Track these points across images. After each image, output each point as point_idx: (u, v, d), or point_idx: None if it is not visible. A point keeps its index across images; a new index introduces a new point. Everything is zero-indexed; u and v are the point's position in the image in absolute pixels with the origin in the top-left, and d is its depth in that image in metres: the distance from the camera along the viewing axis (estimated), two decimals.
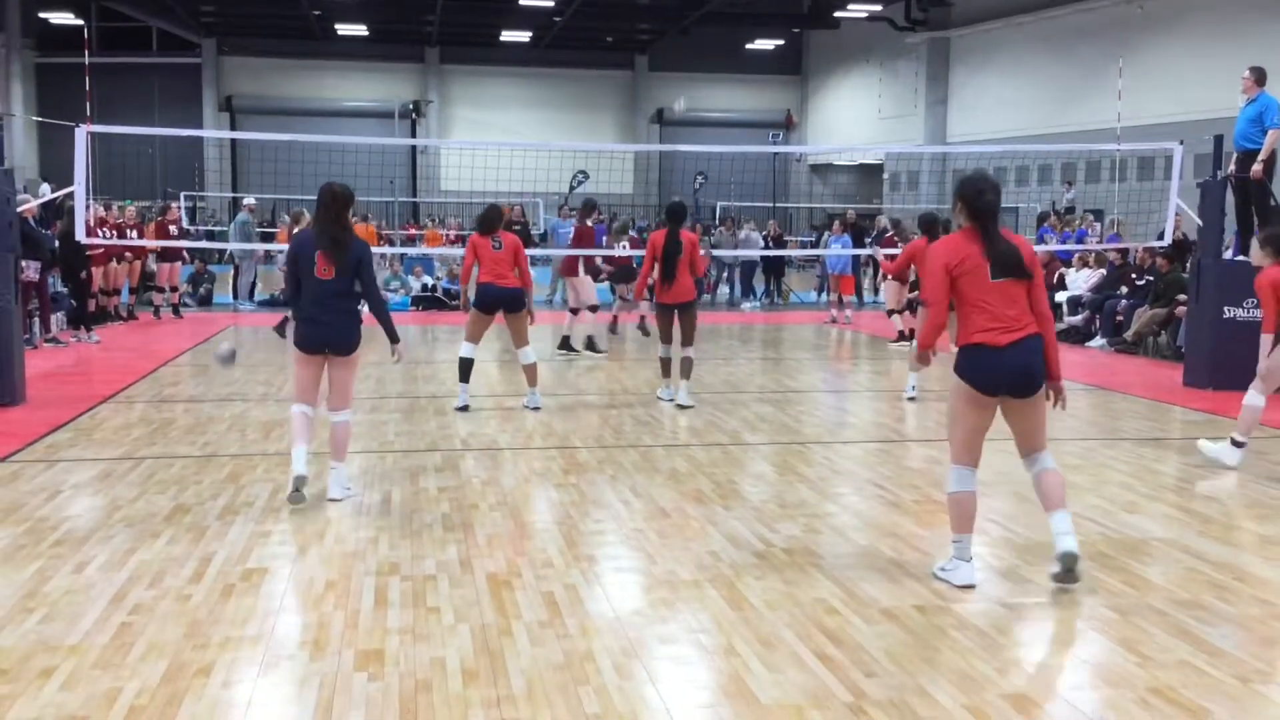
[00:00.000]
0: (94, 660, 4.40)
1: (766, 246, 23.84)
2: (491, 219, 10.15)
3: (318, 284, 6.73)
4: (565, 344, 14.28)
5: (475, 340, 10.17)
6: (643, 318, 15.29)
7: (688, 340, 10.29)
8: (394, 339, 7.04)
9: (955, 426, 5.49)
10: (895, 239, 15.91)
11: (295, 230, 14.03)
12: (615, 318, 16.84)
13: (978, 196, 5.29)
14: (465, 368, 10.11)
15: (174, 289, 19.11)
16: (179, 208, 19.96)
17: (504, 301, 9.97)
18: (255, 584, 5.32)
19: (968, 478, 5.45)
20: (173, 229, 18.73)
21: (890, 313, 15.88)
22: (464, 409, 9.99)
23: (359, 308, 6.91)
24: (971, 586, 5.36)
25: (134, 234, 18.00)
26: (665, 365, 10.70)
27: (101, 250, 16.49)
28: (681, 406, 10.27)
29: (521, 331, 10.08)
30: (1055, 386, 5.40)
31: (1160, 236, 16.25)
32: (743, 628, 4.80)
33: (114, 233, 17.12)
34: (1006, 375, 5.26)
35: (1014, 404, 5.38)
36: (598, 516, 6.60)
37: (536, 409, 10.09)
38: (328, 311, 6.73)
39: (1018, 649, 4.70)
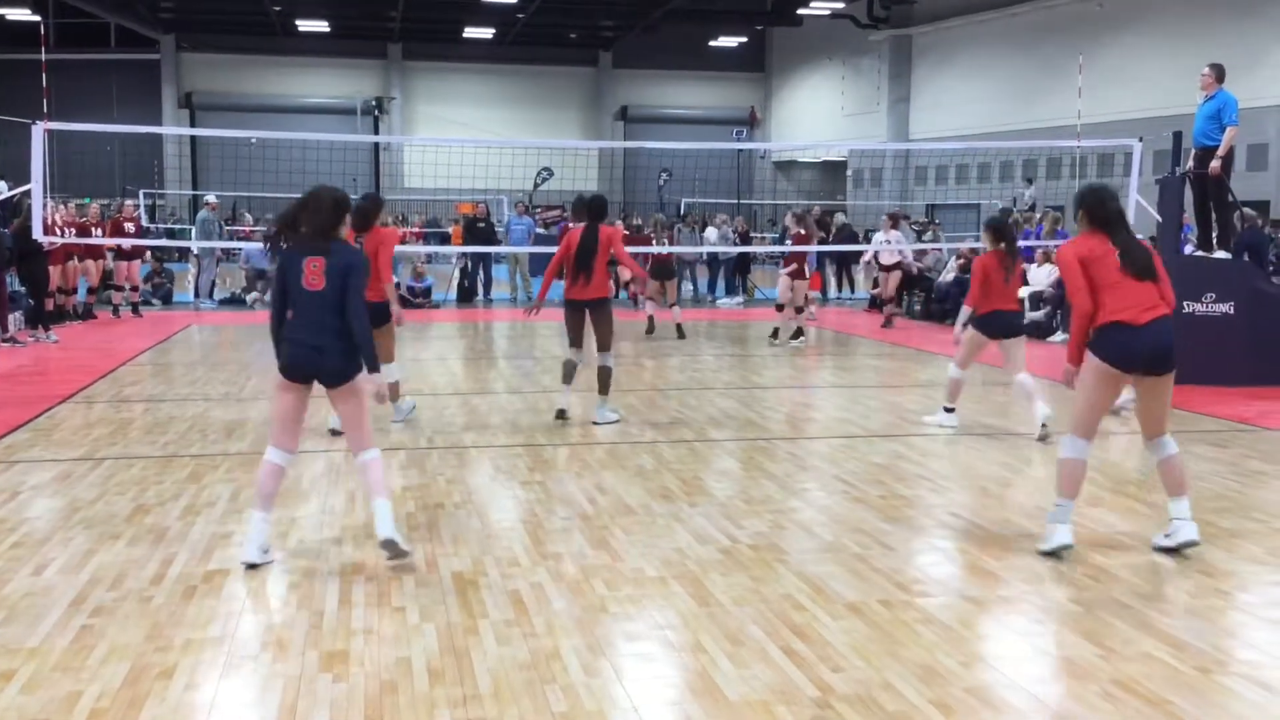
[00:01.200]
0: (54, 663, 4.34)
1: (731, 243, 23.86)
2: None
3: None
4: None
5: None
6: (679, 326, 16.10)
7: (603, 344, 9.28)
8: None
9: (1081, 400, 5.88)
10: (805, 236, 15.56)
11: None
12: (650, 318, 16.64)
13: (1100, 205, 5.82)
14: (568, 370, 9.50)
15: (134, 288, 18.87)
16: (135, 205, 19.65)
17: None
18: (217, 585, 5.27)
19: (1082, 447, 5.89)
20: (129, 227, 18.42)
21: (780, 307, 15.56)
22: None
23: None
24: (1070, 546, 5.75)
25: (98, 232, 17.79)
26: (568, 370, 9.51)
27: (58, 248, 16.26)
28: (598, 424, 9.28)
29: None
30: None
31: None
32: (709, 624, 4.80)
33: (73, 231, 16.88)
34: (1146, 350, 5.66)
35: (1147, 382, 5.80)
36: (564, 514, 6.58)
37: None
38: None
39: (982, 642, 4.72)
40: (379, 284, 8.32)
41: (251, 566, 5.49)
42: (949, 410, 9.44)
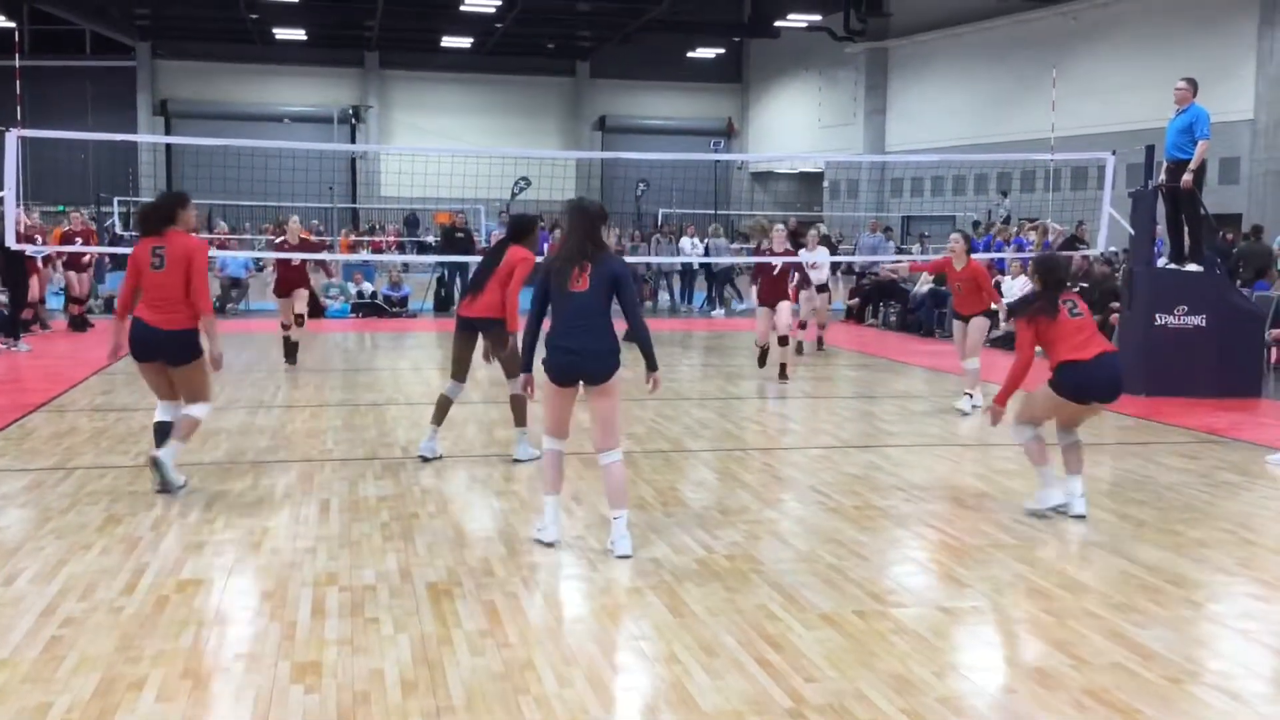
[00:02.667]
0: (24, 674, 4.31)
1: (707, 253, 23.92)
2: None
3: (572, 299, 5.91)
4: None
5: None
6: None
7: (506, 371, 8.30)
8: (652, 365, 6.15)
9: (1040, 405, 6.93)
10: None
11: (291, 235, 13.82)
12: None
13: (1049, 273, 7.03)
14: (441, 406, 8.38)
15: (80, 300, 18.41)
16: (81, 215, 19.38)
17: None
18: (189, 595, 5.23)
19: (1030, 432, 6.94)
20: (78, 240, 18.02)
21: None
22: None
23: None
24: (1064, 504, 6.80)
25: (79, 240, 17.69)
26: (442, 407, 8.24)
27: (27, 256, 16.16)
28: (519, 460, 8.24)
29: None
30: None
31: (1071, 242, 16.54)
32: (684, 635, 4.81)
33: (40, 240, 16.75)
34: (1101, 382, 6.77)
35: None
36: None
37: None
38: (578, 333, 5.91)
39: (954, 652, 4.74)
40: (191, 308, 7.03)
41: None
42: (969, 395, 10.69)
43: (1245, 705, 4.20)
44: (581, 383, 6.02)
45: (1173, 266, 12.47)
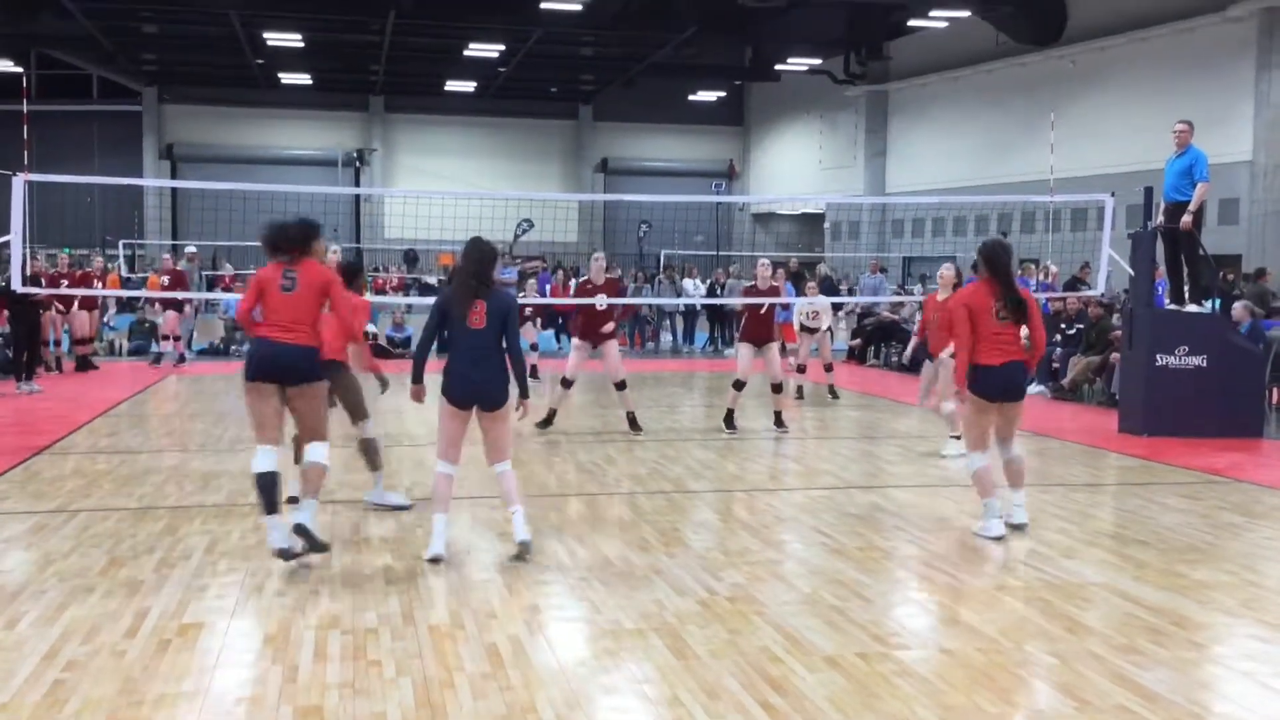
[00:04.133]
0: (26, 718, 4.30)
1: (711, 294, 23.99)
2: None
3: (469, 333, 6.56)
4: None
5: None
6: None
7: (352, 414, 8.08)
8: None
9: (968, 427, 7.59)
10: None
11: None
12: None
13: (995, 258, 7.35)
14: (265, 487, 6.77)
15: (86, 341, 18.52)
16: (66, 259, 19.49)
17: None
18: (192, 639, 5.23)
19: (981, 458, 7.41)
20: (64, 283, 18.05)
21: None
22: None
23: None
24: (1003, 535, 7.24)
25: (98, 284, 17.88)
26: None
27: (46, 298, 16.32)
28: (376, 506, 8.11)
29: None
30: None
31: (1073, 283, 16.58)
32: (687, 677, 4.80)
33: (44, 282, 16.87)
34: (1004, 385, 7.35)
35: (1005, 407, 7.47)
36: (541, 566, 6.57)
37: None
38: (478, 365, 6.56)
39: (958, 695, 4.73)
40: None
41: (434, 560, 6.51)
42: (955, 438, 10.29)
43: None
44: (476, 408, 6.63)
45: (1173, 307, 12.52)
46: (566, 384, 12.03)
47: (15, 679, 4.69)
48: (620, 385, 11.85)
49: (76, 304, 17.78)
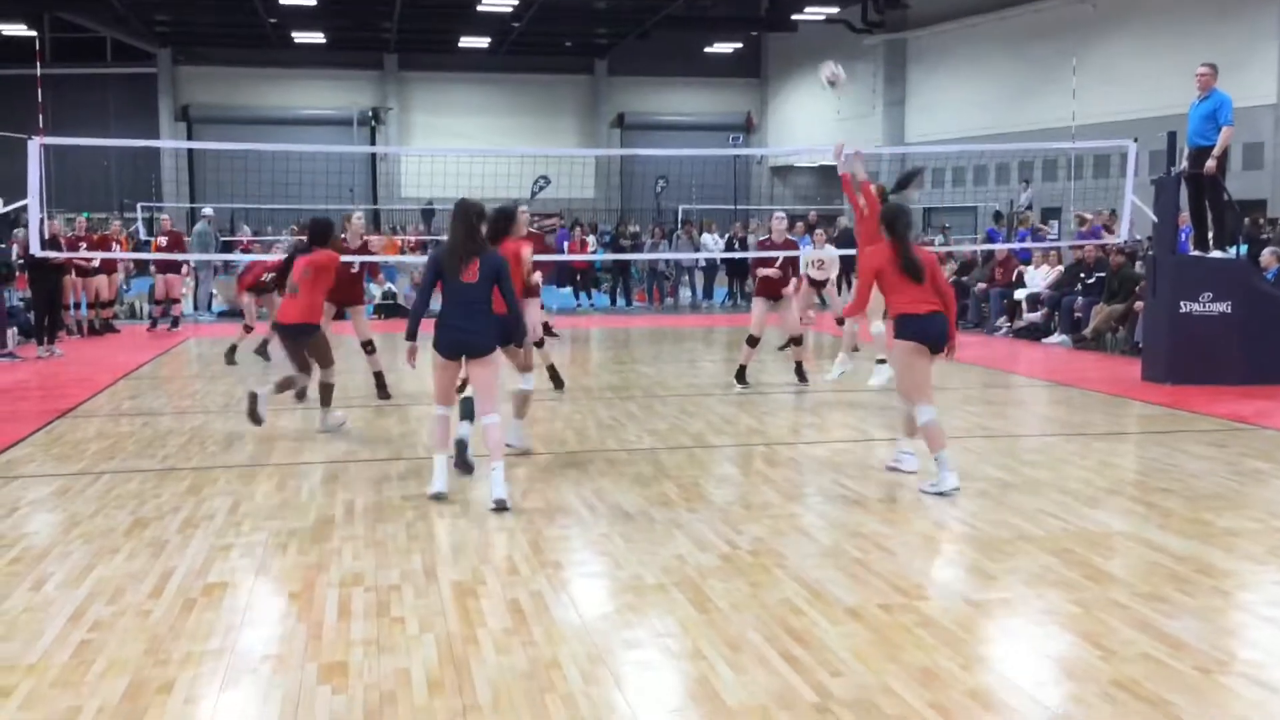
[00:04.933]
0: (53, 679, 4.34)
1: (730, 248, 23.90)
2: None
3: (461, 288, 6.98)
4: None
5: None
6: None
7: (322, 362, 9.44)
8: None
9: (907, 379, 7.50)
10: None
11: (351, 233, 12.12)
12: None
13: (895, 221, 7.47)
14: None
15: (107, 304, 18.67)
16: (84, 223, 19.51)
17: None
18: (216, 598, 5.26)
19: (931, 410, 7.36)
20: (83, 246, 18.11)
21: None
22: None
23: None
24: (958, 488, 7.11)
25: (116, 247, 17.94)
26: (301, 394, 9.64)
27: (64, 262, 16.40)
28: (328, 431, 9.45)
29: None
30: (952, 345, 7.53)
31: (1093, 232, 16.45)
32: (709, 631, 4.80)
33: (64, 245, 16.95)
34: (932, 332, 7.39)
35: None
36: (562, 522, 6.58)
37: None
38: (466, 316, 6.97)
39: (981, 645, 4.72)
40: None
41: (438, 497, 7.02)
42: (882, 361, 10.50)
43: (1277, 695, 4.16)
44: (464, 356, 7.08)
45: (1196, 253, 12.39)
46: (753, 341, 12.06)
47: (42, 640, 4.73)
48: (797, 341, 12.17)
49: (98, 264, 17.85)
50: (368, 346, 11.23)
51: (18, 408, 10.77)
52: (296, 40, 38.78)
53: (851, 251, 19.87)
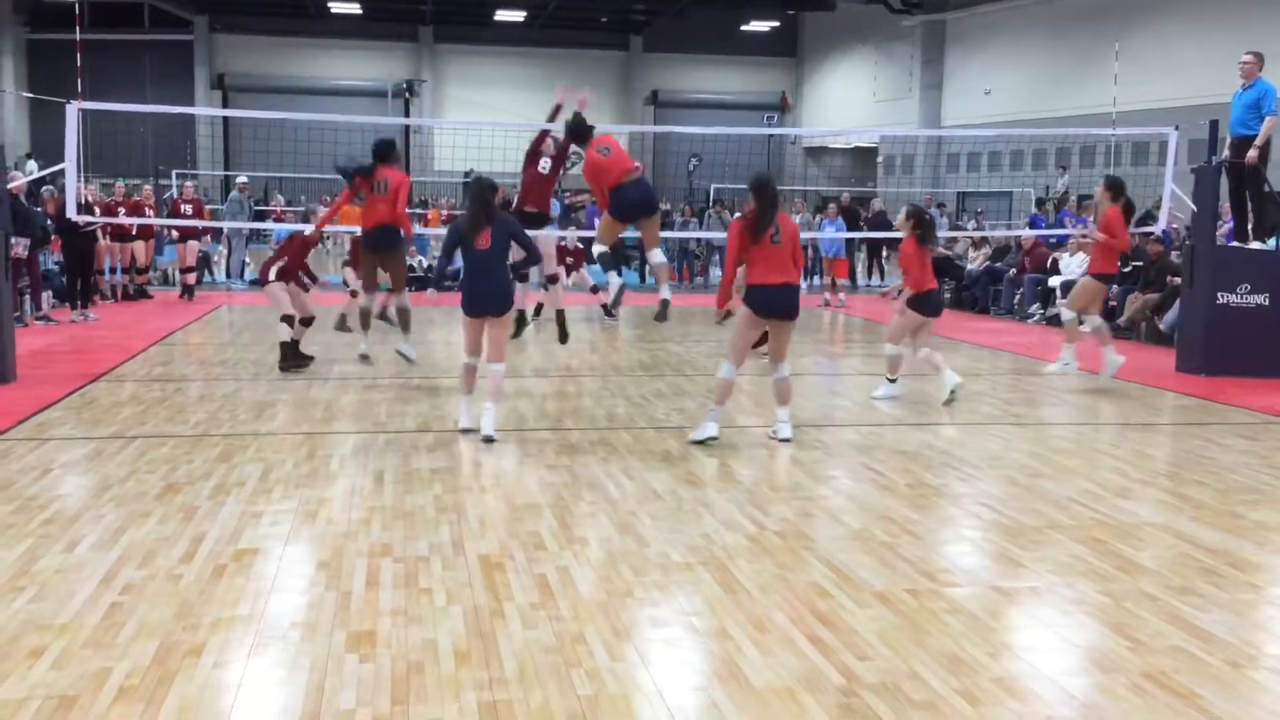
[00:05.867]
0: (84, 640, 4.39)
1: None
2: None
3: (477, 254, 8.03)
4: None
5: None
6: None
7: (397, 284, 11.17)
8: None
9: (738, 338, 8.10)
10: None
11: None
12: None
13: (763, 190, 7.78)
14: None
15: (142, 270, 18.85)
16: (121, 188, 19.55)
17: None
18: (246, 564, 5.30)
19: (731, 370, 8.04)
20: (121, 211, 18.23)
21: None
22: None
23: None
24: (716, 438, 7.91)
25: (149, 213, 18.09)
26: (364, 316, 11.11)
27: (101, 227, 16.55)
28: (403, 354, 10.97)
29: None
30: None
31: (1143, 220, 16.26)
32: (735, 610, 4.80)
33: (99, 211, 17.06)
34: (779, 304, 7.91)
35: (777, 325, 8.12)
36: (590, 499, 6.59)
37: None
38: (485, 278, 8.05)
39: (1009, 633, 4.70)
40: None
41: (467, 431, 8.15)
42: (891, 381, 10.23)
43: None
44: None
45: (1236, 244, 12.24)
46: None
47: (74, 601, 4.78)
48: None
49: (134, 230, 17.96)
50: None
51: (51, 371, 10.87)
52: (333, 10, 38.85)
53: (856, 235, 19.90)
